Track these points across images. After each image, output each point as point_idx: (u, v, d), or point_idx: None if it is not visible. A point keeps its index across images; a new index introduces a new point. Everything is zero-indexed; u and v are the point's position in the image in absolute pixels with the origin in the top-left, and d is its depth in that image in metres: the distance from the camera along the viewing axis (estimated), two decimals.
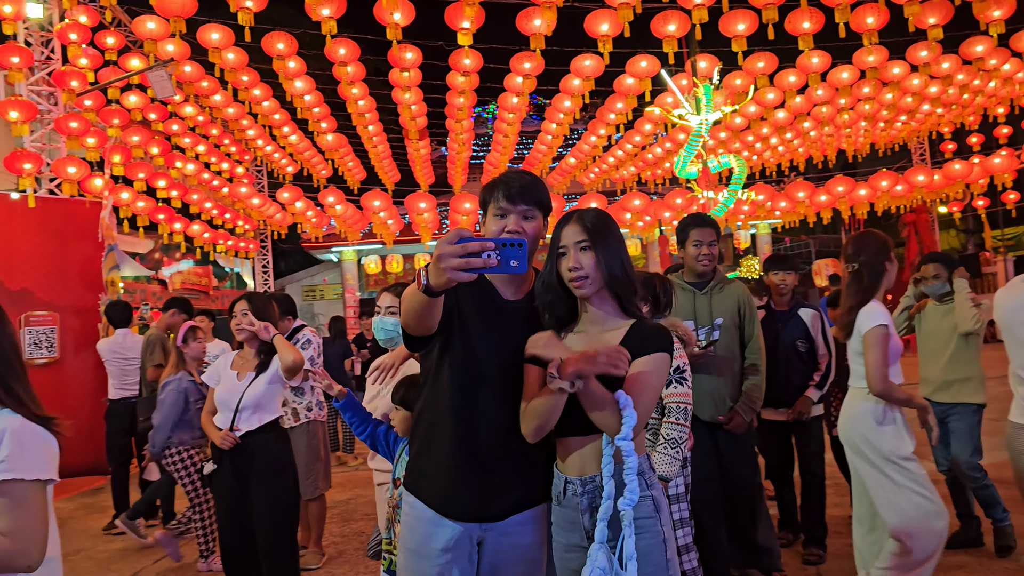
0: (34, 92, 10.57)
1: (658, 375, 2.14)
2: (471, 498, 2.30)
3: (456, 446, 2.30)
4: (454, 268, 1.78)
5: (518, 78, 11.50)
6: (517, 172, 2.37)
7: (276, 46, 10.61)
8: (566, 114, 13.15)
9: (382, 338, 3.28)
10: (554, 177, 18.50)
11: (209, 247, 15.89)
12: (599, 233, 2.22)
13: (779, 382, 4.78)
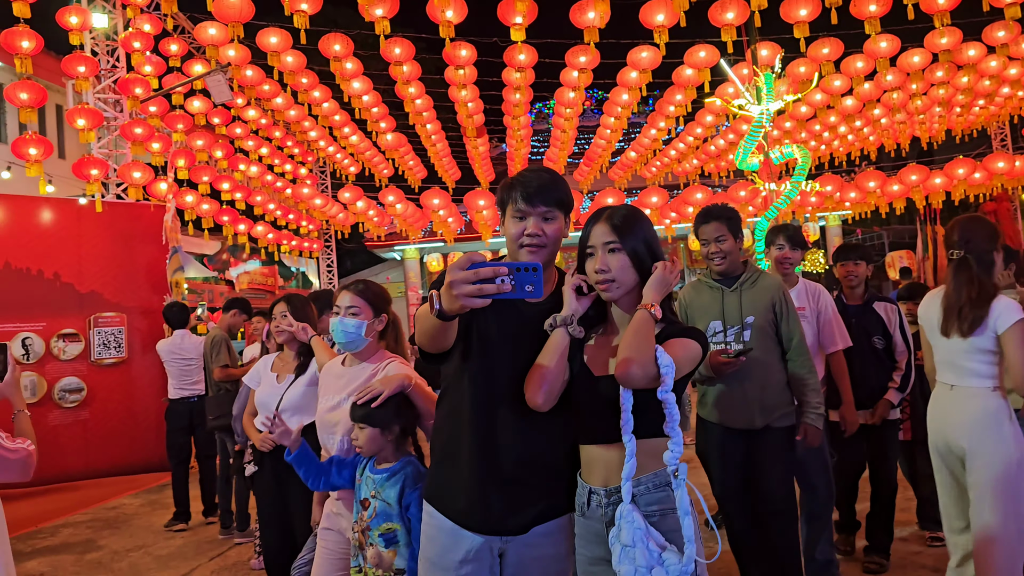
0: (101, 100, 10.91)
1: (688, 355, 2.03)
2: (491, 511, 2.21)
3: (475, 458, 2.22)
4: (467, 295, 1.72)
5: (573, 72, 11.38)
6: (535, 170, 2.27)
7: (333, 48, 10.72)
8: (624, 108, 12.97)
9: (341, 341, 2.99)
10: (615, 172, 18.29)
11: (273, 247, 16.19)
12: (629, 233, 2.11)
13: (854, 382, 4.41)
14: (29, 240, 8.82)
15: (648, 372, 1.93)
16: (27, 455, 2.66)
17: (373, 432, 2.72)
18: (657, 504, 2.00)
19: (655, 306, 2.00)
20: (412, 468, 2.73)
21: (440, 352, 2.17)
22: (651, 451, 2.01)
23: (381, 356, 3.05)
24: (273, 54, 10.17)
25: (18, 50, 7.88)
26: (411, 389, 2.75)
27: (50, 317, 8.83)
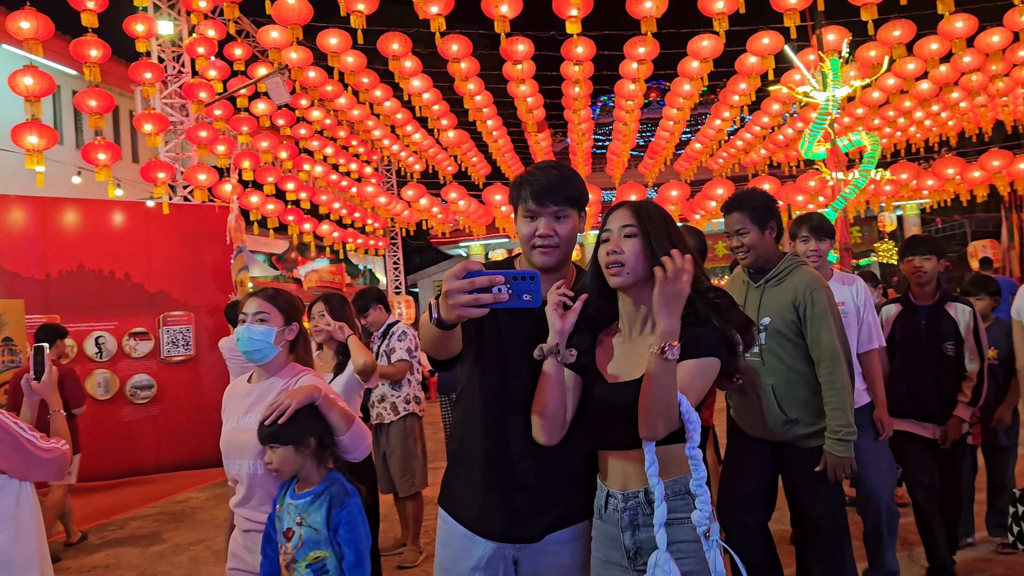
0: (167, 105, 11.24)
1: (704, 380, 1.91)
2: (503, 518, 2.16)
3: (488, 464, 2.17)
4: (462, 305, 1.66)
5: (633, 64, 11.20)
6: (545, 167, 2.18)
7: (391, 46, 10.79)
8: (686, 98, 12.72)
9: (246, 350, 2.71)
10: (680, 164, 17.99)
11: (339, 246, 16.46)
12: (649, 221, 1.98)
13: (926, 392, 4.06)
14: (101, 242, 9.14)
15: (673, 426, 1.85)
16: (61, 455, 2.72)
17: (286, 451, 2.44)
18: (674, 512, 1.91)
19: (675, 344, 1.80)
20: (337, 486, 2.49)
21: (448, 359, 2.12)
22: (670, 456, 1.92)
23: (293, 369, 2.76)
24: (333, 55, 10.31)
25: (86, 59, 8.15)
26: (320, 401, 2.50)
27: (122, 316, 9.14)
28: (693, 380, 1.89)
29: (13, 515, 2.63)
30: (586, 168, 18.00)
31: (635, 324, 2.04)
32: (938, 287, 4.24)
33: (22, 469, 2.64)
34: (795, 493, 3.34)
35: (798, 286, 3.24)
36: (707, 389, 1.94)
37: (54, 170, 12.79)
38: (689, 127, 19.24)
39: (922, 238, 4.34)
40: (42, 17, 7.47)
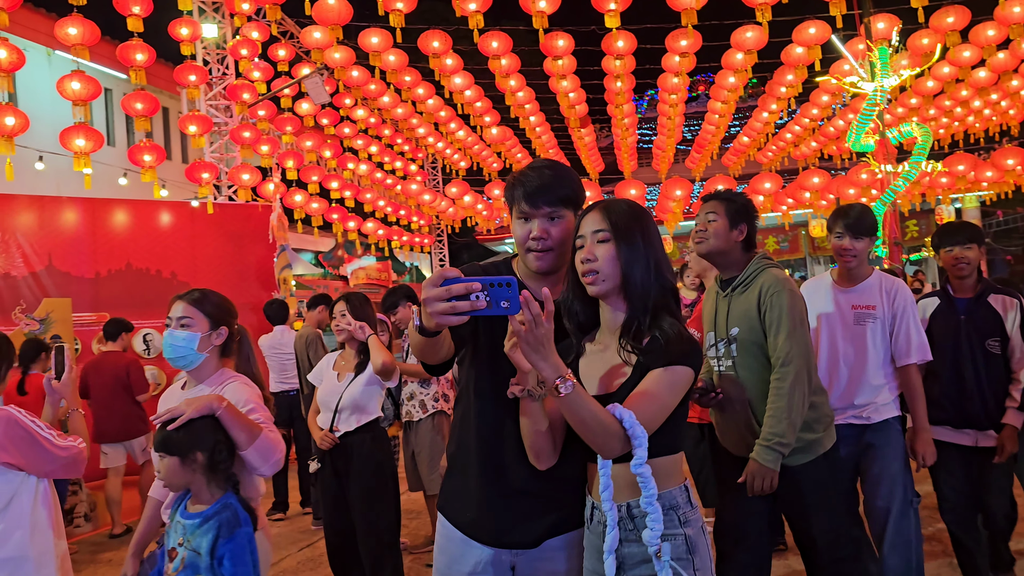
0: (212, 106, 11.46)
1: (672, 391, 1.81)
2: (500, 523, 2.13)
3: (484, 469, 2.15)
4: (440, 313, 1.62)
5: (675, 57, 11.04)
6: (538, 166, 2.13)
7: (431, 44, 10.82)
8: (731, 91, 12.52)
9: (169, 356, 2.61)
10: (728, 158, 17.74)
11: (384, 243, 16.61)
12: (622, 224, 1.88)
13: (965, 395, 3.71)
14: (148, 242, 9.35)
15: (622, 447, 1.71)
16: (77, 452, 2.77)
17: (172, 462, 2.29)
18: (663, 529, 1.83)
19: (568, 379, 1.64)
20: (229, 513, 2.28)
21: (439, 363, 2.09)
22: (657, 470, 1.82)
23: (222, 376, 2.65)
24: (375, 54, 10.39)
25: (132, 63, 8.34)
26: (221, 412, 2.32)
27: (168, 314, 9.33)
28: (658, 391, 1.79)
29: (30, 511, 2.69)
30: (632, 163, 17.85)
31: (613, 331, 1.95)
32: (979, 278, 3.90)
33: (39, 466, 2.70)
34: (788, 513, 3.14)
35: (761, 288, 3.01)
36: (677, 400, 1.82)
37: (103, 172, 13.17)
38: (738, 121, 18.95)
39: (958, 225, 3.96)
40: (88, 23, 7.66)
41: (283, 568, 5.48)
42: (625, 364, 1.86)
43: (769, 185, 14.07)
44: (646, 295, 1.86)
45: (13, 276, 8.47)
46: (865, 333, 3.47)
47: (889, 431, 3.46)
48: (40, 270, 8.62)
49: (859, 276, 3.56)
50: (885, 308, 3.49)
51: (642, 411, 1.73)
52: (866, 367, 3.47)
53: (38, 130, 12.29)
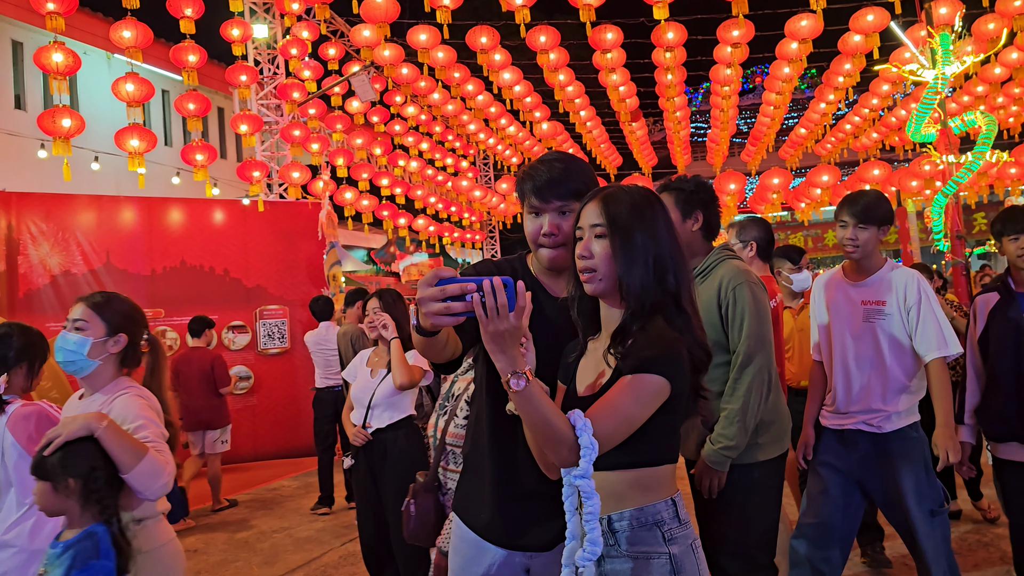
0: (263, 106, 11.63)
1: (637, 402, 1.63)
2: (513, 525, 2.10)
3: (496, 470, 2.12)
4: (435, 314, 1.57)
5: (727, 48, 10.82)
6: (549, 159, 2.07)
7: (479, 40, 10.79)
8: (786, 81, 12.21)
9: (59, 360, 2.48)
10: (785, 150, 17.33)
11: (435, 240, 16.69)
12: (621, 219, 1.73)
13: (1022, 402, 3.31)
14: (202, 239, 9.54)
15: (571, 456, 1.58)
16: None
17: (44, 488, 2.14)
18: (641, 545, 1.71)
19: (520, 374, 1.56)
20: (89, 543, 2.12)
21: (446, 362, 2.05)
22: (636, 482, 1.72)
23: (117, 386, 2.49)
24: (423, 51, 10.41)
25: (185, 64, 8.51)
26: (101, 432, 2.15)
27: (221, 310, 9.51)
28: (619, 401, 1.64)
29: None
30: (685, 157, 17.59)
31: (610, 332, 1.82)
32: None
33: None
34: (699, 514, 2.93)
35: (722, 281, 2.85)
36: (645, 412, 1.65)
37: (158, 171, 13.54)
38: (796, 112, 18.53)
39: (1018, 211, 3.56)
40: (142, 26, 7.83)
41: (325, 562, 5.53)
42: (608, 367, 1.75)
43: (827, 178, 13.70)
44: (644, 297, 1.71)
45: (73, 273, 8.73)
46: (875, 331, 3.19)
47: (904, 442, 3.17)
48: (98, 267, 8.87)
49: (869, 269, 3.27)
50: (897, 303, 3.20)
51: (600, 422, 1.60)
52: (876, 369, 3.19)
53: (98, 131, 12.72)
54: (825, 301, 3.37)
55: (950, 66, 8.83)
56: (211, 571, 5.51)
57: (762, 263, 3.83)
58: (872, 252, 3.26)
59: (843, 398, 3.25)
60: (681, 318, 1.73)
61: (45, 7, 7.01)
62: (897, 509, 3.16)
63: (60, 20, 7.04)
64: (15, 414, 2.68)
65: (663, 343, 1.67)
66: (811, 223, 18.92)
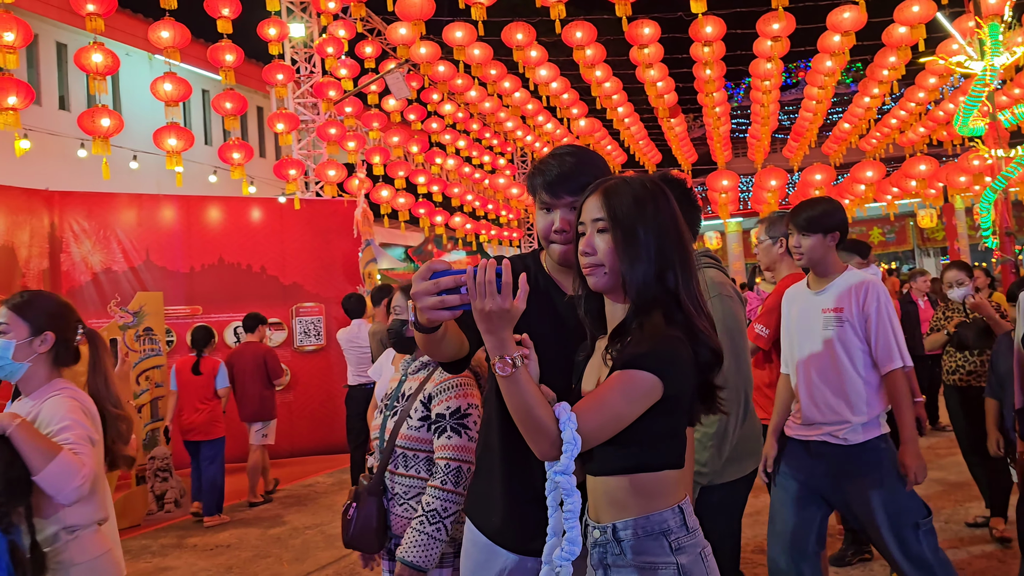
0: (300, 104, 11.72)
1: (626, 398, 1.55)
2: (525, 529, 2.03)
3: (507, 472, 2.06)
4: (429, 308, 1.53)
5: (767, 42, 10.64)
6: (560, 154, 2.01)
7: (515, 36, 10.77)
8: (829, 75, 11.97)
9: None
10: (828, 145, 17.01)
11: (472, 237, 16.69)
12: (622, 212, 1.66)
13: None
14: (239, 237, 9.64)
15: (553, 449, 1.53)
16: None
17: None
18: (647, 555, 1.63)
19: (507, 357, 1.51)
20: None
21: (453, 360, 2.00)
22: (637, 488, 1.64)
23: (51, 388, 2.38)
24: (459, 48, 10.41)
25: (222, 63, 8.60)
26: (12, 431, 2.09)
27: (258, 307, 9.53)
28: (608, 396, 1.56)
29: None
30: (725, 153, 17.36)
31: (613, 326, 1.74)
32: None
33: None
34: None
35: None
36: (635, 410, 1.57)
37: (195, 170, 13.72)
38: (840, 107, 18.17)
39: None
40: (179, 26, 7.92)
41: (353, 559, 5.50)
42: (606, 366, 1.68)
43: (871, 173, 13.41)
44: (645, 292, 1.64)
45: (114, 271, 8.88)
46: (835, 339, 3.07)
47: (871, 454, 3.03)
48: (138, 264, 9.01)
49: (827, 276, 3.16)
50: (854, 310, 3.07)
51: (586, 417, 1.54)
52: (838, 378, 3.06)
53: (140, 131, 12.95)
54: (790, 312, 3.27)
55: (999, 57, 8.57)
56: (242, 567, 5.55)
57: (792, 260, 3.70)
58: (822, 259, 3.14)
59: (808, 409, 3.12)
60: (682, 315, 1.65)
61: (85, 8, 7.13)
62: (869, 526, 3.01)
63: (99, 21, 7.15)
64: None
65: (657, 340, 1.59)
66: (855, 220, 18.54)
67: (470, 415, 2.54)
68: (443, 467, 2.49)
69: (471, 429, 2.53)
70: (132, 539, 6.46)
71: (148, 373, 7.28)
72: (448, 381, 2.59)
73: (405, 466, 2.63)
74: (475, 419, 2.56)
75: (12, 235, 8.10)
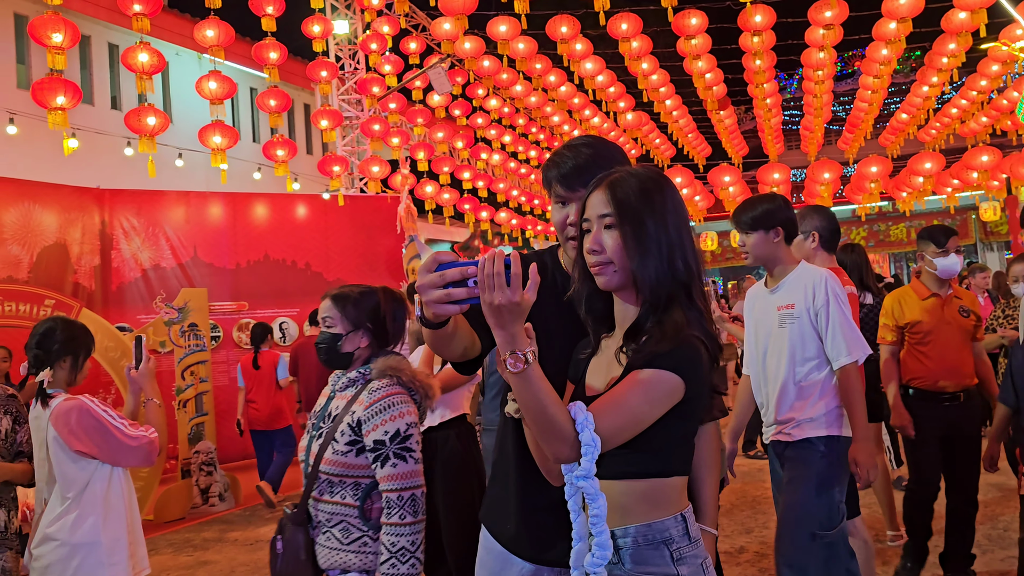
0: (344, 101, 11.77)
1: (647, 399, 1.49)
2: (540, 538, 1.96)
3: (521, 478, 1.98)
4: (435, 301, 1.46)
5: (819, 30, 10.31)
6: (575, 145, 1.93)
7: (559, 30, 10.62)
8: (884, 64, 11.55)
9: None
10: (885, 137, 16.49)
11: (518, 233, 16.62)
12: (629, 206, 1.58)
13: None
14: (284, 233, 9.74)
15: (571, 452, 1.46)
16: (148, 443, 2.82)
17: None
18: (647, 565, 1.54)
19: (519, 353, 1.42)
20: None
21: (464, 360, 1.92)
22: (643, 494, 1.56)
23: None
24: (503, 42, 10.32)
25: (266, 61, 8.66)
26: None
27: (302, 303, 9.67)
28: (627, 396, 1.49)
29: (103, 498, 2.76)
30: (777, 146, 16.96)
31: (623, 329, 1.66)
32: None
33: (111, 454, 2.76)
34: None
35: None
36: (655, 411, 1.50)
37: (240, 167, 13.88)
38: (897, 97, 17.63)
39: None
40: (224, 24, 7.99)
41: None
42: (620, 365, 1.60)
43: (930, 165, 12.95)
44: (659, 289, 1.57)
45: (162, 267, 9.03)
46: (787, 336, 3.00)
47: (804, 451, 2.96)
48: (186, 261, 9.15)
49: (780, 273, 3.11)
50: (806, 304, 2.99)
51: (604, 417, 1.46)
52: (790, 375, 3.00)
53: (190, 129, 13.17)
54: (752, 312, 3.23)
55: None
56: None
57: (826, 255, 3.52)
58: (771, 256, 3.10)
59: (766, 409, 3.09)
60: (695, 312, 1.58)
61: (132, 8, 7.22)
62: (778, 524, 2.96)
63: (145, 21, 7.22)
64: (58, 409, 2.71)
65: (681, 339, 1.52)
66: (913, 213, 17.95)
67: (411, 436, 2.35)
68: (396, 500, 2.29)
69: (414, 451, 2.35)
70: (175, 532, 6.55)
71: (193, 368, 7.38)
72: (379, 403, 2.35)
73: (331, 492, 2.38)
74: (416, 439, 2.37)
75: (65, 232, 8.28)
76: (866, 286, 4.52)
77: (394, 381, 2.39)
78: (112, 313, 8.41)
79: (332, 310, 2.52)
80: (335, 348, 2.48)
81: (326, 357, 2.52)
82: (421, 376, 2.48)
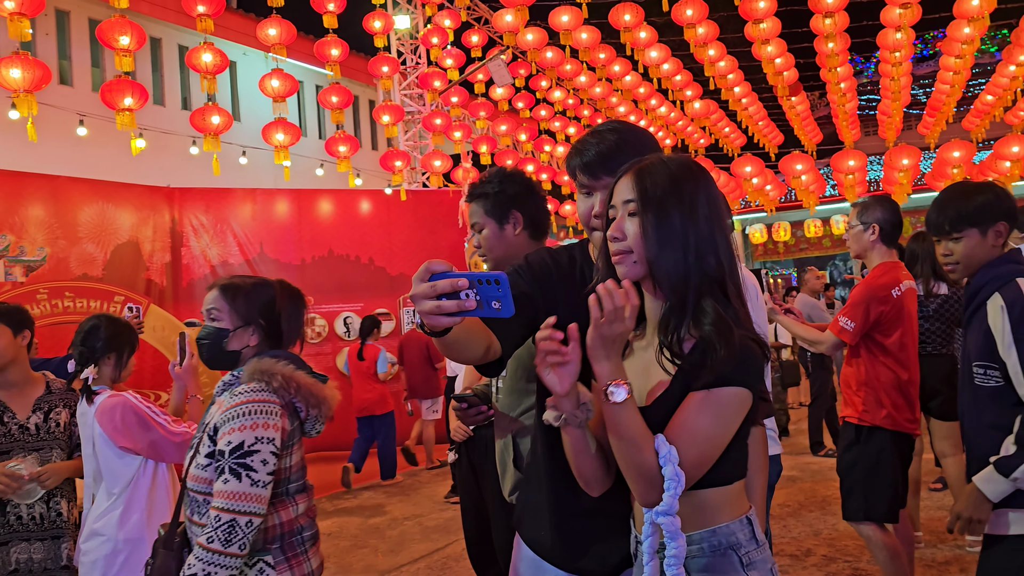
0: (406, 95, 11.80)
1: (720, 421, 1.43)
2: (573, 545, 1.87)
3: (552, 483, 1.89)
4: (427, 313, 1.37)
5: (895, 9, 9.87)
6: (601, 131, 1.82)
7: (622, 18, 10.44)
8: (967, 43, 11.00)
9: None
10: (969, 120, 15.71)
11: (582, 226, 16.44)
12: (655, 194, 1.49)
13: None
14: (348, 229, 9.81)
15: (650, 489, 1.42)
16: (189, 438, 2.82)
17: None
18: (714, 574, 1.47)
19: (621, 383, 1.38)
20: None
21: (488, 362, 1.83)
22: (705, 503, 1.49)
23: None
24: (566, 32, 10.20)
25: (328, 58, 8.74)
26: None
27: (366, 298, 9.76)
28: (702, 425, 1.42)
29: (147, 494, 2.77)
30: (853, 132, 16.35)
31: (655, 326, 1.57)
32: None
33: (155, 450, 2.76)
34: None
35: None
36: (730, 430, 1.44)
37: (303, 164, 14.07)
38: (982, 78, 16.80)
39: None
40: (286, 23, 8.08)
41: (447, 554, 5.49)
42: (665, 372, 1.51)
43: (1018, 149, 12.27)
44: (681, 284, 1.48)
45: (230, 264, 9.19)
46: None
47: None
48: (253, 257, 9.30)
49: None
50: None
51: (685, 450, 1.40)
52: None
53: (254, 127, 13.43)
54: None
55: None
56: (339, 556, 5.60)
57: (886, 248, 3.31)
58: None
59: None
60: (733, 310, 1.49)
61: (196, 10, 7.36)
62: None
63: (209, 22, 7.36)
64: (102, 405, 2.74)
65: (736, 344, 1.44)
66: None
67: (257, 452, 1.97)
68: (213, 519, 1.92)
69: (257, 471, 1.96)
70: None
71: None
72: (237, 408, 2.01)
73: (199, 513, 2.05)
74: (264, 457, 1.99)
75: (137, 231, 8.51)
76: (940, 276, 4.27)
77: (262, 386, 2.05)
78: (183, 309, 8.61)
79: (219, 301, 2.17)
80: (219, 345, 2.14)
81: (208, 355, 2.17)
82: (306, 383, 2.11)
